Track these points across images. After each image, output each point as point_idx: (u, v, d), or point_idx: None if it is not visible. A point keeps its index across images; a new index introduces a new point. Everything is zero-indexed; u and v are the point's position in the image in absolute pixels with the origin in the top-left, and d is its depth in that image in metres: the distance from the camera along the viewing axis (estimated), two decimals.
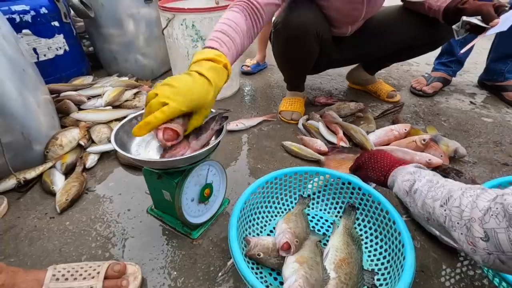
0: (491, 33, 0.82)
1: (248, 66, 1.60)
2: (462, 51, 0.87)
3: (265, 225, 0.69)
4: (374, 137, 0.99)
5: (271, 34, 1.07)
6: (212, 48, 0.60)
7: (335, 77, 1.57)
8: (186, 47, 1.21)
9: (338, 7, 0.94)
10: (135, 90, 1.24)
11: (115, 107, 1.15)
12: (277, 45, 1.03)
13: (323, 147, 0.95)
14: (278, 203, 0.73)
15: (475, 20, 0.82)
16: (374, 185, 0.83)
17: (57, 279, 0.52)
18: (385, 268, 0.58)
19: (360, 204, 0.68)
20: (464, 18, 0.84)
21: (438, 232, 0.65)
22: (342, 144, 0.98)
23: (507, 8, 0.81)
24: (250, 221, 0.67)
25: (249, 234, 0.65)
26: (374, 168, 0.62)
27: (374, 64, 1.29)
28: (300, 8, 0.92)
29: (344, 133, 1.03)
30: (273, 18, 0.98)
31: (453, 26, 0.87)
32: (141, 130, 0.49)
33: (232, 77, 1.33)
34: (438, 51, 1.36)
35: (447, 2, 0.90)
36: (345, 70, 1.67)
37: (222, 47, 0.61)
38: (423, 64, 1.70)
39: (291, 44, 0.97)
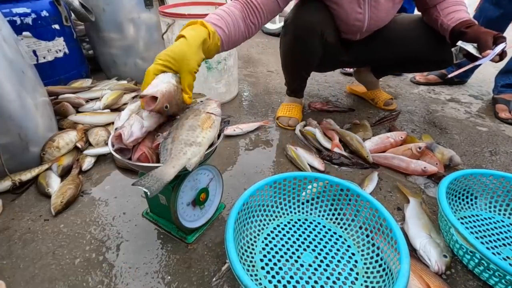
0: (482, 63, 0.80)
1: None
2: (450, 75, 0.87)
3: (262, 228, 0.69)
4: (370, 144, 1.00)
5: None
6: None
7: (333, 84, 1.58)
8: None
9: (341, 16, 0.95)
10: (133, 94, 1.25)
11: (113, 110, 1.15)
12: (283, 43, 1.05)
13: (320, 166, 0.93)
14: (277, 207, 0.73)
15: (470, 47, 0.81)
16: (370, 190, 0.83)
17: None
18: (381, 276, 0.58)
19: (358, 211, 0.68)
20: (460, 43, 0.84)
21: (418, 246, 0.66)
22: (336, 150, 0.98)
23: (505, 40, 0.80)
24: (248, 223, 0.67)
25: (246, 236, 0.65)
26: None
27: (381, 69, 1.30)
28: (309, 7, 0.94)
29: (340, 140, 1.03)
30: (285, 16, 1.00)
31: (453, 49, 0.88)
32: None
33: (231, 82, 1.33)
34: None
35: (456, 22, 0.89)
36: (343, 77, 1.69)
37: (207, 19, 0.69)
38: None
39: (295, 42, 0.99)
